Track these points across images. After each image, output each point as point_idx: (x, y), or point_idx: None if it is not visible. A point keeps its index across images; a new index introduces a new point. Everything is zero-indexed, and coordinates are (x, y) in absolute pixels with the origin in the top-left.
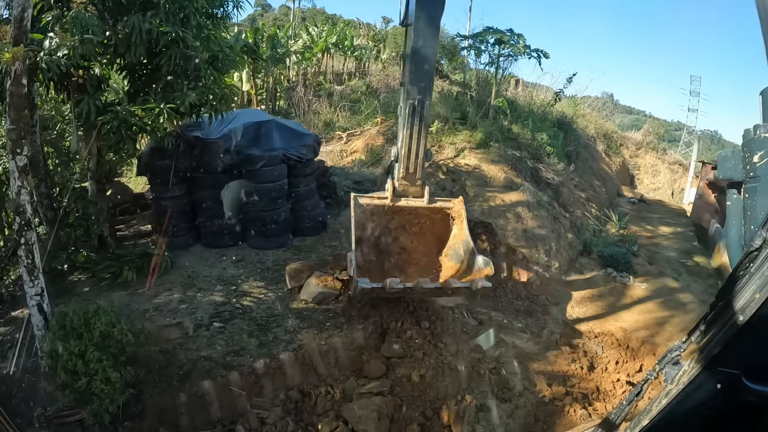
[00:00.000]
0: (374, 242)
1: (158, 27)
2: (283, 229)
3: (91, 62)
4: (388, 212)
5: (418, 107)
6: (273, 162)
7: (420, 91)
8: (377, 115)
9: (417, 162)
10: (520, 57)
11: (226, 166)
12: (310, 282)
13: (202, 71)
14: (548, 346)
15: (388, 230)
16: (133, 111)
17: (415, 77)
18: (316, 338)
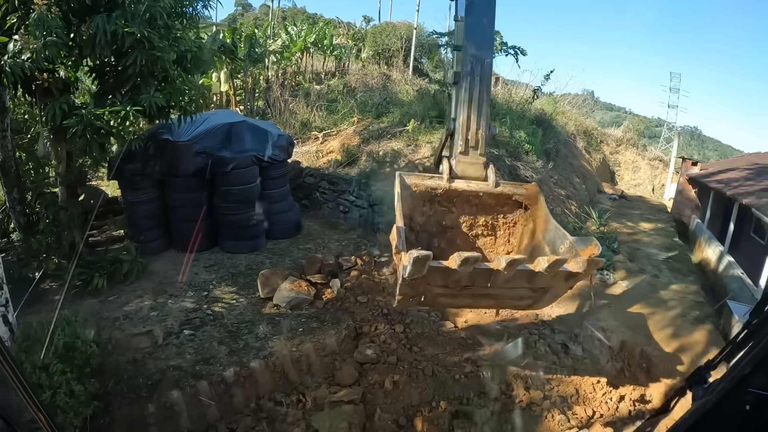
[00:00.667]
0: (420, 233)
1: (123, 27)
2: (255, 232)
3: (56, 65)
4: (442, 197)
5: (477, 66)
6: (244, 164)
7: (478, 47)
8: (354, 114)
9: (479, 133)
10: (497, 54)
11: (196, 168)
12: (282, 287)
13: (170, 72)
14: (527, 348)
15: (441, 219)
16: (99, 114)
17: (473, 32)
18: (287, 345)
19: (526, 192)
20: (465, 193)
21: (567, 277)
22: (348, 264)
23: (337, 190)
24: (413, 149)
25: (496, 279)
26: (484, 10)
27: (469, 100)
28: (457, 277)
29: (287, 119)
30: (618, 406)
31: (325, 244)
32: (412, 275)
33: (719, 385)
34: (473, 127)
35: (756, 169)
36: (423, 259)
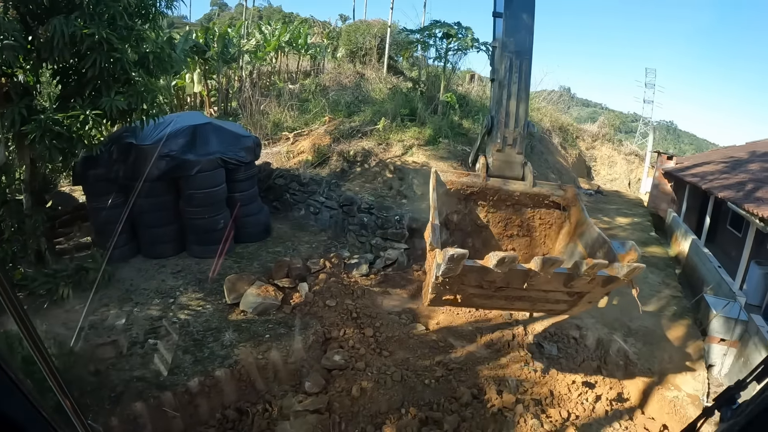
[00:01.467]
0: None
1: (82, 29)
2: (223, 236)
3: (14, 69)
4: (478, 195)
5: (516, 62)
6: (209, 167)
7: (517, 44)
8: (326, 113)
9: (517, 131)
10: (469, 51)
11: (161, 172)
12: (249, 292)
13: (131, 74)
14: (500, 350)
15: (476, 218)
16: (58, 119)
17: (513, 28)
18: (253, 352)
19: (564, 193)
20: (501, 192)
21: (605, 282)
22: (316, 267)
23: (308, 191)
24: (384, 148)
25: (532, 281)
26: (524, 6)
27: (507, 96)
28: (493, 277)
29: (258, 120)
30: (594, 407)
31: (294, 247)
32: (446, 274)
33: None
34: (511, 124)
35: (731, 162)
36: (458, 258)
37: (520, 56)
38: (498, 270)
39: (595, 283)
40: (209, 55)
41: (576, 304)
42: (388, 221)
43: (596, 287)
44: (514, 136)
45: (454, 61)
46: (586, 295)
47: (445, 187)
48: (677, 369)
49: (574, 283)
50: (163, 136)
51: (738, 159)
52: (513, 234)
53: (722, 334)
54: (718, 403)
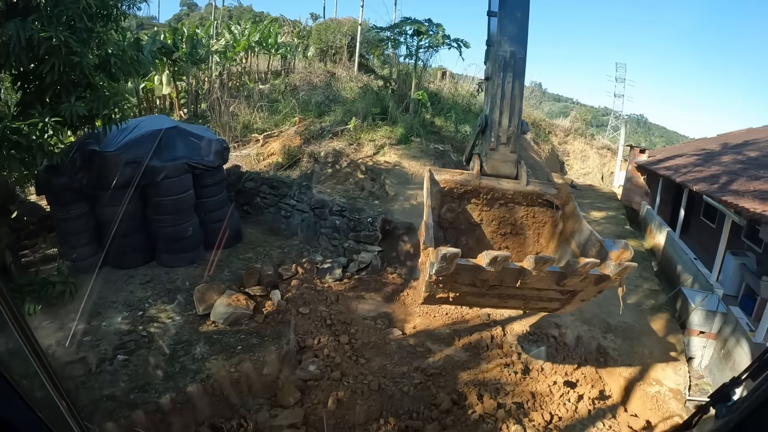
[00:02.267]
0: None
1: (39, 32)
2: (192, 244)
3: None
4: (471, 194)
5: (510, 60)
6: (176, 172)
7: (511, 42)
8: (296, 114)
9: (511, 129)
10: (440, 48)
11: (126, 180)
12: (219, 302)
13: (92, 78)
14: (479, 352)
15: (469, 216)
16: (16, 127)
17: (506, 25)
18: (225, 365)
19: (558, 192)
20: (495, 191)
21: (597, 281)
22: (288, 273)
23: (278, 195)
24: (355, 148)
25: (526, 279)
26: (518, 4)
27: (501, 95)
28: (486, 275)
29: (227, 122)
30: (577, 407)
31: (266, 253)
32: (439, 272)
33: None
34: (505, 123)
35: (703, 154)
36: (451, 257)
37: (514, 55)
38: (491, 268)
39: (588, 282)
40: (177, 56)
41: (569, 303)
42: (360, 223)
43: (589, 286)
44: (508, 134)
45: (425, 59)
46: (578, 293)
47: (438, 185)
48: (658, 364)
49: (567, 282)
50: (128, 141)
51: (710, 151)
52: (506, 232)
53: (701, 326)
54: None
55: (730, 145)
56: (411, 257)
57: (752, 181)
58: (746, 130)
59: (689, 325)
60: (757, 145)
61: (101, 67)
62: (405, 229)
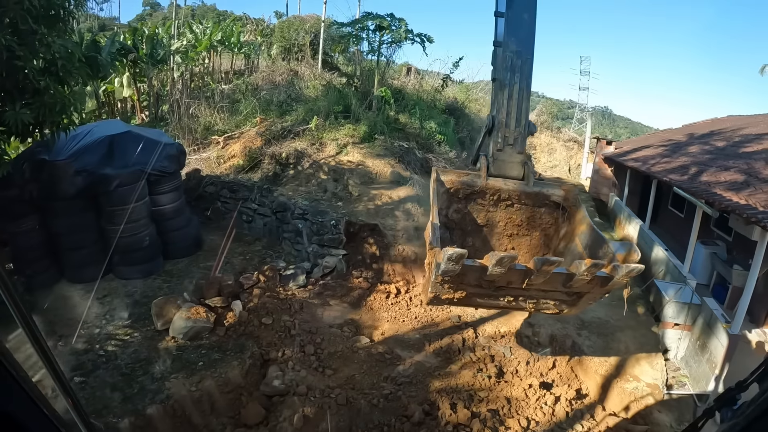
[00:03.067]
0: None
1: None
2: (150, 255)
3: None
4: (478, 195)
5: (518, 61)
6: (129, 180)
7: (519, 43)
8: (257, 114)
9: (518, 131)
10: (403, 43)
11: (78, 190)
12: (178, 316)
13: (37, 83)
14: (451, 357)
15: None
16: None
17: (514, 27)
18: (186, 383)
19: (565, 193)
20: (502, 192)
21: (604, 282)
22: (249, 282)
23: (239, 199)
24: (318, 148)
25: (532, 281)
26: (525, 6)
27: (508, 96)
28: (492, 276)
29: (187, 124)
30: (554, 410)
31: (228, 260)
32: (446, 273)
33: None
34: (512, 124)
35: (670, 145)
36: (458, 257)
37: (520, 56)
38: (498, 269)
39: (594, 283)
40: (132, 57)
41: (575, 304)
42: (323, 227)
43: (595, 287)
44: (514, 135)
45: (388, 55)
46: (585, 294)
47: (444, 186)
48: (634, 358)
49: (574, 283)
50: (78, 149)
51: (677, 142)
52: (513, 234)
53: (676, 318)
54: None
55: (697, 135)
56: (377, 260)
57: (722, 171)
58: (711, 120)
59: (663, 318)
60: (723, 135)
61: (47, 71)
62: (370, 230)
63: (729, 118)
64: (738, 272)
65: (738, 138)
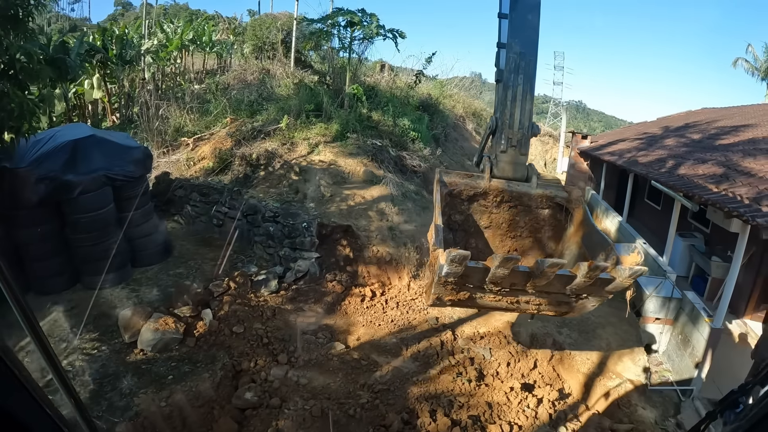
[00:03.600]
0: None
1: None
2: (118, 263)
3: None
4: (481, 196)
5: (521, 63)
6: (93, 186)
7: (522, 44)
8: (227, 114)
9: (521, 132)
10: (375, 39)
11: (40, 198)
12: (146, 328)
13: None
14: (429, 361)
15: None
16: None
17: (518, 29)
18: (156, 399)
19: (568, 195)
20: (505, 193)
21: (607, 285)
22: (219, 290)
23: (209, 202)
24: (289, 148)
25: (535, 283)
26: (530, 6)
27: (512, 98)
28: (495, 278)
29: (157, 126)
30: (537, 413)
31: (198, 266)
32: (448, 274)
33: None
34: (516, 125)
35: (646, 138)
36: (461, 259)
37: (524, 57)
38: (501, 271)
39: (597, 286)
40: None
41: (578, 306)
42: (295, 229)
43: (598, 289)
44: (518, 137)
45: (360, 51)
46: (588, 296)
47: (448, 188)
48: (616, 355)
49: (577, 285)
50: (40, 155)
51: (652, 135)
52: (516, 235)
53: (657, 313)
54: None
55: (672, 128)
56: (351, 262)
57: (700, 164)
58: (686, 113)
59: (645, 313)
60: (698, 128)
61: (5, 75)
62: (343, 232)
63: (703, 110)
64: (717, 264)
65: (714, 130)
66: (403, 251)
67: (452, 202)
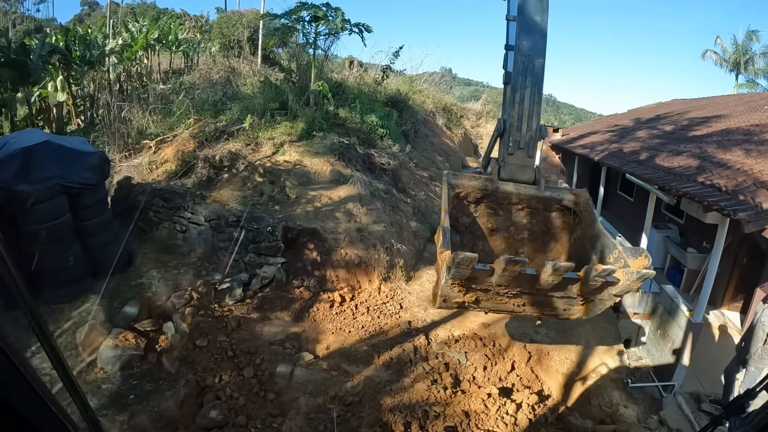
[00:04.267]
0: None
1: None
2: (77, 276)
3: None
4: (489, 199)
5: (530, 65)
6: (47, 196)
7: (531, 47)
8: (190, 114)
9: (529, 134)
10: (341, 34)
11: None
12: (106, 345)
13: None
14: (402, 369)
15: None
16: None
17: (526, 31)
18: (117, 421)
19: (575, 197)
20: (512, 196)
21: (614, 287)
22: (181, 301)
23: (172, 207)
24: (253, 148)
25: (542, 285)
26: (538, 9)
27: (520, 100)
28: (502, 281)
29: (118, 128)
30: (516, 419)
31: (161, 276)
32: (455, 277)
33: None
34: (523, 128)
35: (618, 130)
36: (468, 261)
37: (532, 60)
38: (508, 274)
39: (605, 289)
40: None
41: (586, 309)
42: (260, 233)
43: (606, 292)
44: (526, 139)
45: (325, 47)
46: (596, 299)
47: (455, 190)
48: (596, 353)
49: (584, 288)
50: None
51: (624, 127)
52: (523, 238)
53: (635, 308)
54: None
55: (643, 120)
56: (318, 266)
57: (674, 156)
58: (656, 105)
59: (622, 308)
60: (670, 119)
61: None
62: (309, 235)
63: (673, 102)
64: (693, 256)
65: (685, 122)
66: (373, 253)
67: (459, 205)
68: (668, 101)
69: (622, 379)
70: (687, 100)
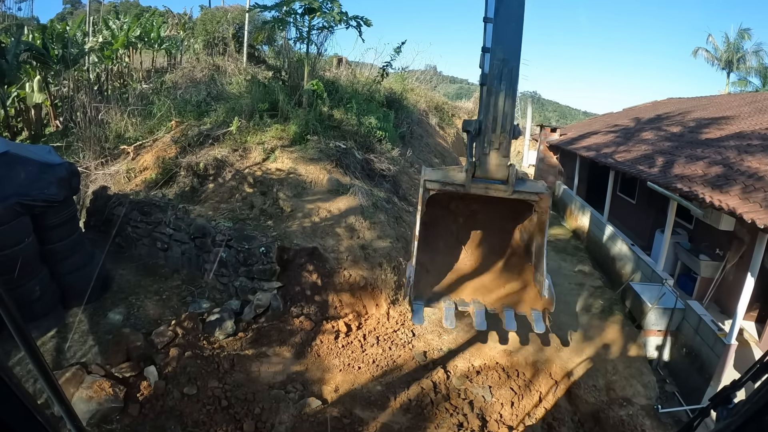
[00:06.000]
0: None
1: None
2: (45, 307)
3: None
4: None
5: (505, 69)
6: (6, 218)
7: (506, 51)
8: (172, 117)
9: (503, 135)
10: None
11: None
12: (79, 396)
13: None
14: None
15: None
16: None
17: (501, 34)
18: None
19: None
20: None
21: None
22: (164, 339)
23: (152, 222)
24: (241, 155)
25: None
26: (513, 14)
27: (495, 102)
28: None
29: (95, 132)
30: None
31: (141, 304)
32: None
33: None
34: (498, 129)
35: (619, 131)
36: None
37: (507, 64)
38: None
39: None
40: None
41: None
42: (252, 255)
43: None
44: (500, 140)
45: (319, 42)
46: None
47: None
48: (624, 379)
49: None
50: None
51: (625, 127)
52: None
53: (659, 326)
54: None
55: (644, 120)
56: (319, 290)
57: (693, 162)
58: (652, 104)
59: (646, 326)
60: (673, 119)
61: None
62: (308, 255)
63: (670, 101)
64: (706, 263)
65: (692, 123)
66: (379, 273)
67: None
68: (664, 100)
69: (652, 405)
70: (684, 99)
